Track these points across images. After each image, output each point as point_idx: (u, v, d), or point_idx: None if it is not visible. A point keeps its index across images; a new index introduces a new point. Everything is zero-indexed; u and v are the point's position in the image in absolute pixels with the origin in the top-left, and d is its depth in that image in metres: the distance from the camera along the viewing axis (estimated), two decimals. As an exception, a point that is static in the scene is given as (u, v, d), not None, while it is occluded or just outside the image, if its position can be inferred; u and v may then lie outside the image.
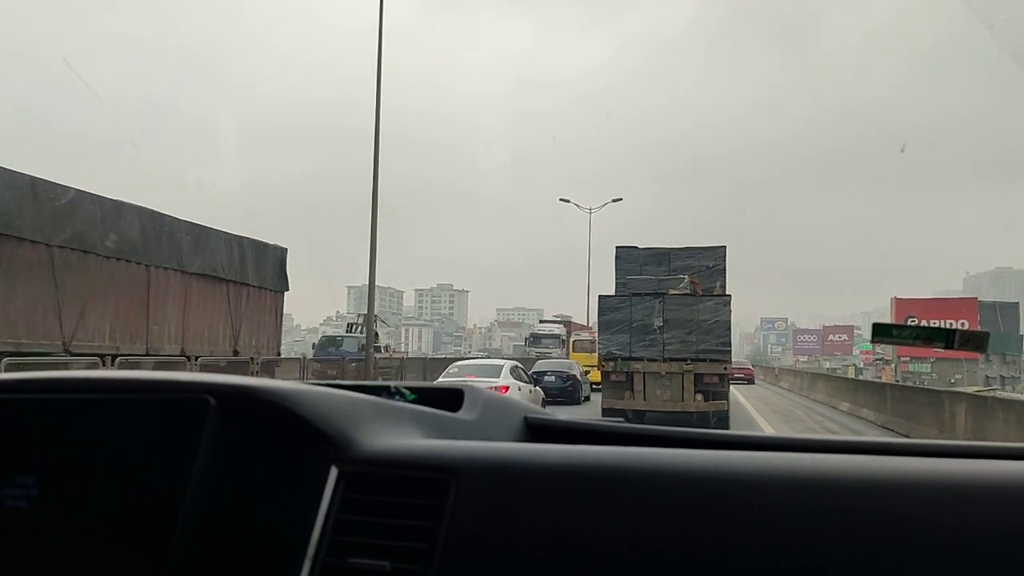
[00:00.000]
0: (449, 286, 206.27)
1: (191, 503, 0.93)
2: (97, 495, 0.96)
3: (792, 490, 0.86)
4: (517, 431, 1.33)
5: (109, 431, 1.00)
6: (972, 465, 0.94)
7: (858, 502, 0.83)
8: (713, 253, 15.46)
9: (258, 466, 0.96)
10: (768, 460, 0.93)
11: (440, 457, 0.98)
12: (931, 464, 0.94)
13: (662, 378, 13.77)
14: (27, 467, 0.99)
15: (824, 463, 0.92)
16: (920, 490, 0.85)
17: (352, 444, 0.98)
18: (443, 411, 1.24)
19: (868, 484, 0.86)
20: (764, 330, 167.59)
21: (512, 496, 0.90)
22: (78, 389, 1.09)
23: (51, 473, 0.98)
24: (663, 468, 0.91)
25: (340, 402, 1.07)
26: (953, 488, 0.85)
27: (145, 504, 0.94)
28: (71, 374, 1.21)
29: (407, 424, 1.12)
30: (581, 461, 0.94)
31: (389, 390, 1.36)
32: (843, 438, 1.38)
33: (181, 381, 1.06)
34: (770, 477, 0.88)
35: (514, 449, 1.04)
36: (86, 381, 1.15)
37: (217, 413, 0.98)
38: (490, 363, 15.99)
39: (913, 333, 1.32)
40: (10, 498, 0.97)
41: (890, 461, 0.94)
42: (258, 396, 1.02)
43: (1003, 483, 0.86)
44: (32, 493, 0.97)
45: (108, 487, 0.96)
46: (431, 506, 0.91)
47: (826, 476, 0.88)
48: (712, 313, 13.74)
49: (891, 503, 0.83)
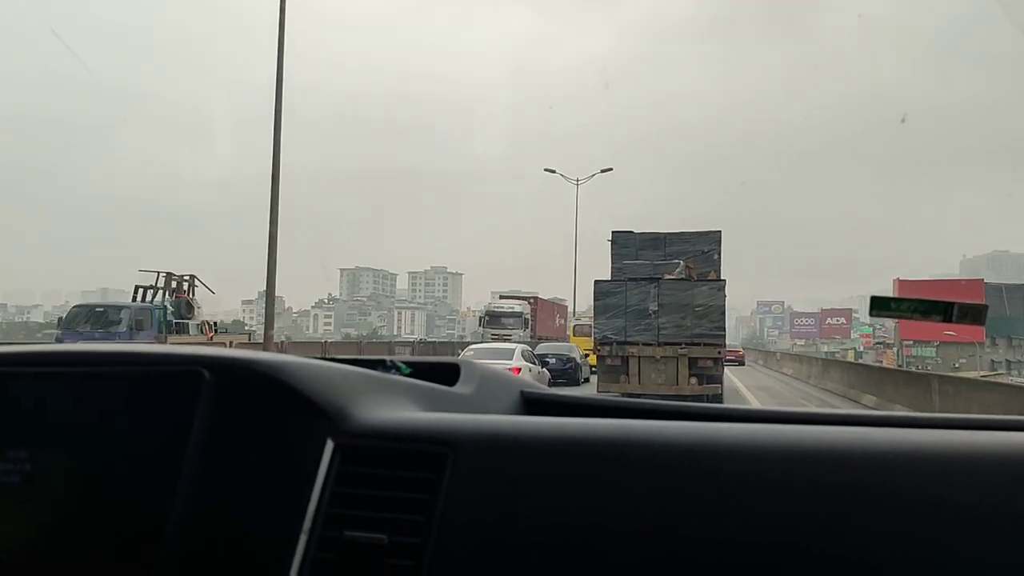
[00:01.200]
0: (443, 269, 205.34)
1: (186, 476, 0.93)
2: (91, 469, 0.96)
3: (786, 462, 0.87)
4: (514, 405, 1.33)
5: (103, 404, 0.99)
6: (971, 437, 0.93)
7: (855, 475, 0.84)
8: (708, 238, 15.75)
9: (253, 439, 0.96)
10: (763, 432, 0.93)
11: (437, 430, 0.98)
12: (928, 436, 0.94)
13: (657, 362, 14.08)
14: (20, 441, 0.99)
15: (819, 435, 0.92)
16: (915, 462, 0.85)
17: (348, 417, 0.98)
18: (439, 385, 1.25)
19: (865, 457, 0.86)
20: (760, 313, 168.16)
21: (508, 469, 0.91)
22: (71, 362, 1.09)
23: (44, 448, 0.98)
24: (659, 440, 0.92)
25: (336, 375, 1.07)
26: (945, 459, 0.85)
27: (140, 477, 0.94)
28: (63, 347, 1.19)
29: (403, 397, 1.12)
30: (577, 433, 0.95)
31: (385, 363, 1.37)
32: (840, 410, 1.40)
33: (175, 354, 1.05)
34: (765, 449, 0.89)
35: (510, 422, 1.04)
36: (79, 354, 1.13)
37: (212, 385, 0.98)
38: (503, 347, 17.60)
39: (911, 307, 1.33)
40: (3, 473, 0.97)
41: (886, 433, 0.94)
42: (253, 368, 1.01)
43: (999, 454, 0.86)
44: (25, 467, 0.97)
45: (102, 461, 0.96)
46: (428, 479, 0.91)
47: (820, 448, 0.88)
48: (707, 298, 14.03)
49: (887, 475, 0.83)
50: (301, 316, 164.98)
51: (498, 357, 15.29)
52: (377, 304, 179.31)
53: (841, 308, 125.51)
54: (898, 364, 45.45)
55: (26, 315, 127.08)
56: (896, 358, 50.27)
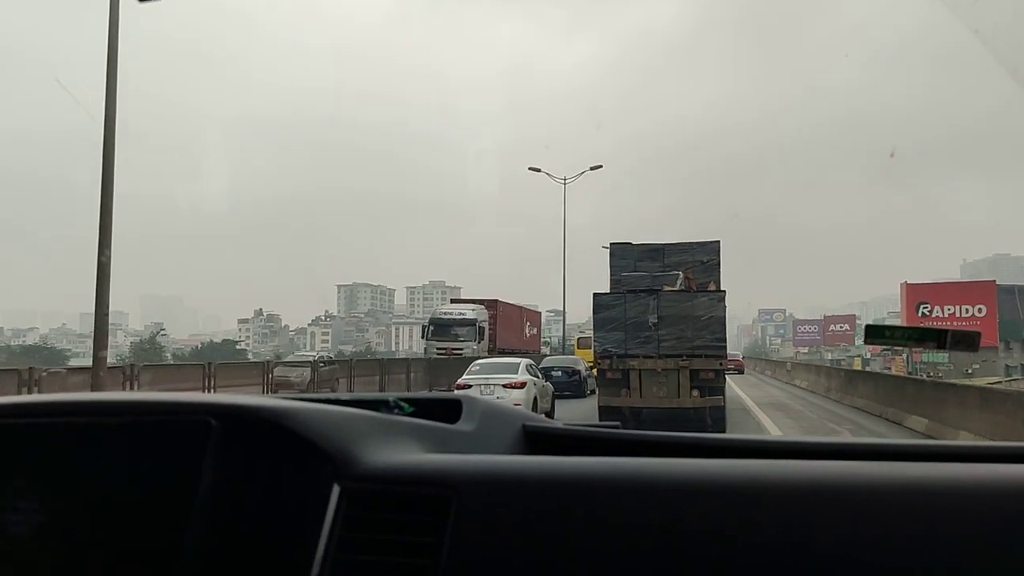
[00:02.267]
0: (441, 283, 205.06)
1: (195, 525, 0.94)
2: (100, 520, 0.97)
3: (790, 499, 0.87)
4: (516, 440, 1.35)
5: (110, 455, 1.01)
6: (976, 469, 0.92)
7: (859, 509, 0.84)
8: (707, 248, 15.69)
9: (261, 486, 0.97)
10: (765, 468, 0.94)
11: (440, 472, 1.00)
12: (929, 469, 0.94)
13: (658, 375, 14.01)
14: (28, 492, 1.00)
15: (823, 470, 0.93)
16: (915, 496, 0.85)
17: (353, 461, 1.00)
18: (442, 423, 1.27)
19: (869, 491, 0.86)
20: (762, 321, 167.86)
21: (512, 510, 0.92)
22: (78, 412, 1.10)
23: (53, 498, 0.99)
24: (662, 479, 0.93)
25: (340, 419, 1.09)
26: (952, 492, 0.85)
27: (149, 527, 0.96)
28: (70, 397, 1.20)
29: (407, 438, 1.14)
30: (580, 473, 0.96)
31: (388, 404, 1.39)
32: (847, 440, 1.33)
33: (182, 403, 1.08)
34: (767, 486, 0.89)
35: (513, 462, 1.06)
36: (86, 404, 1.15)
37: (219, 433, 1.00)
38: (508, 361, 17.44)
39: (905, 334, 1.37)
40: (12, 523, 0.98)
41: (890, 466, 0.94)
42: (258, 416, 1.03)
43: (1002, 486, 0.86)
44: (34, 519, 0.98)
45: (110, 511, 0.98)
46: (433, 522, 0.92)
47: (824, 483, 0.89)
48: (707, 309, 13.97)
49: (890, 508, 0.83)
50: (298, 334, 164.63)
51: (503, 371, 15.53)
52: (375, 320, 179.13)
53: (844, 315, 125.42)
54: (908, 371, 44.04)
55: (22, 338, 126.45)
56: (906, 364, 48.57)
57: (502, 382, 15.03)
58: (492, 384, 14.93)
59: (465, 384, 15.08)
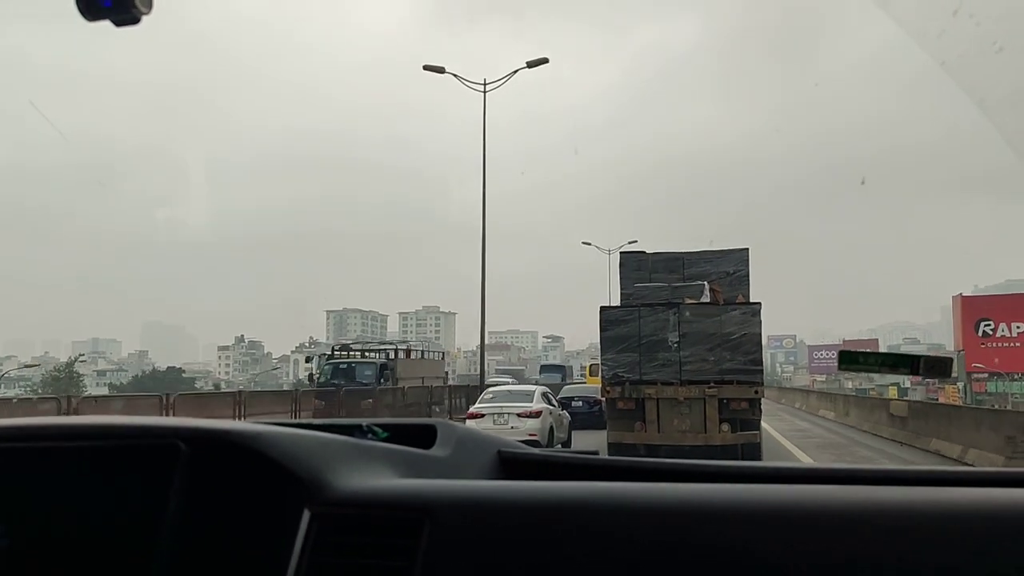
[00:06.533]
0: (435, 308, 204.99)
1: (162, 551, 0.95)
2: (67, 544, 0.98)
3: (767, 524, 0.88)
4: (491, 466, 1.36)
5: (78, 479, 1.03)
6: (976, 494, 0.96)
7: (838, 536, 0.85)
8: (734, 257, 13.95)
9: (230, 510, 0.99)
10: (741, 492, 0.96)
11: (412, 496, 1.03)
12: (931, 493, 0.96)
13: (680, 404, 12.16)
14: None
15: (810, 495, 0.95)
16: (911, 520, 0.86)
17: (324, 485, 1.01)
18: (415, 448, 1.28)
19: (858, 516, 0.88)
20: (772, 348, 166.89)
21: (484, 534, 0.95)
22: (45, 436, 1.12)
23: (19, 523, 1.01)
24: (635, 504, 0.95)
25: (311, 443, 1.10)
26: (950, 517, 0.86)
27: (116, 553, 0.97)
28: (37, 421, 1.21)
29: (379, 463, 1.15)
30: (552, 498, 0.99)
31: (361, 428, 1.40)
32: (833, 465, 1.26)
33: (150, 426, 1.09)
34: (744, 510, 0.91)
35: (486, 487, 1.10)
36: (53, 428, 1.16)
37: (188, 457, 1.01)
38: (522, 389, 17.22)
39: (879, 360, 1.46)
40: None
41: (888, 491, 0.96)
42: (228, 439, 1.05)
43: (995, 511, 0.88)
44: (1, 543, 0.99)
45: (78, 536, 0.99)
46: (404, 545, 0.94)
47: (809, 508, 0.90)
48: (739, 325, 12.15)
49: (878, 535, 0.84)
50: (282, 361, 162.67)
51: (517, 400, 15.30)
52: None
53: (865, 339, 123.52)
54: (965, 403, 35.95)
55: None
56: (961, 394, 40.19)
57: (516, 411, 14.59)
58: (506, 413, 14.55)
59: (477, 413, 14.67)
